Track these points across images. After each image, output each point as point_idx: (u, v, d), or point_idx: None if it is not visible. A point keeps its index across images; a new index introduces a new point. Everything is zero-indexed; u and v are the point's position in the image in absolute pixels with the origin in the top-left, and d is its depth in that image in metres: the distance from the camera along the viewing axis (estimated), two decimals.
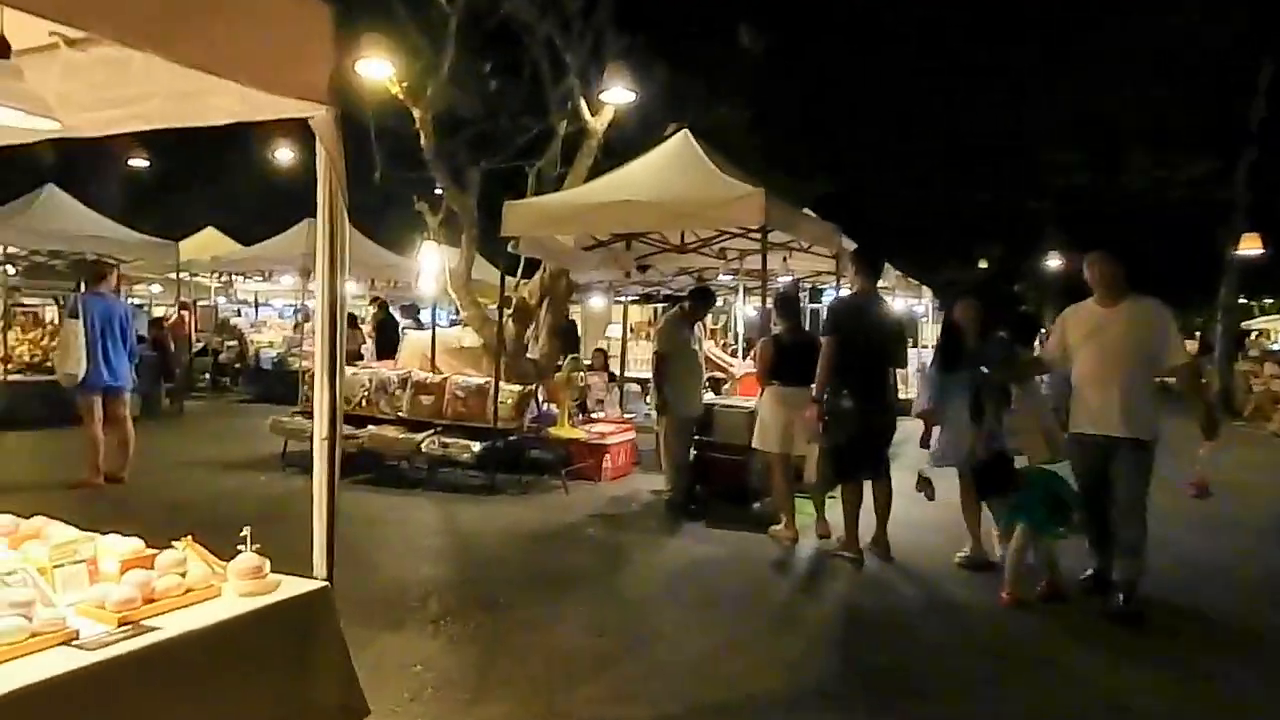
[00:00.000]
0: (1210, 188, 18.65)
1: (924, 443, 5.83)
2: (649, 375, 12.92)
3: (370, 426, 8.25)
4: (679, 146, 7.86)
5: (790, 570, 5.82)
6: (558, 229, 7.71)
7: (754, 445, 6.50)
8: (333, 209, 2.61)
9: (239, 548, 2.63)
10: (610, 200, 7.14)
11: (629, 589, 5.26)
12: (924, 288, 15.59)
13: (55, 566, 2.40)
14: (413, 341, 10.27)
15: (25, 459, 9.35)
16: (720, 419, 7.43)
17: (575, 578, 5.41)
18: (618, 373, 10.80)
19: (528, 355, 9.61)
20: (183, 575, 2.44)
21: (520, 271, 9.78)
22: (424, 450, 7.84)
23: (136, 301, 18.50)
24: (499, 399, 7.92)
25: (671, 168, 7.48)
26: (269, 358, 15.83)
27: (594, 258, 8.99)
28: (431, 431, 8.05)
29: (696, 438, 7.39)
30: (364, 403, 8.63)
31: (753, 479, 7.25)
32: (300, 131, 2.68)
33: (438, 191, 9.86)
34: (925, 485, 5.79)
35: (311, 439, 2.83)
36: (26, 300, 17.38)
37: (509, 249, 7.78)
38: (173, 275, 18.04)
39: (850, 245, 8.41)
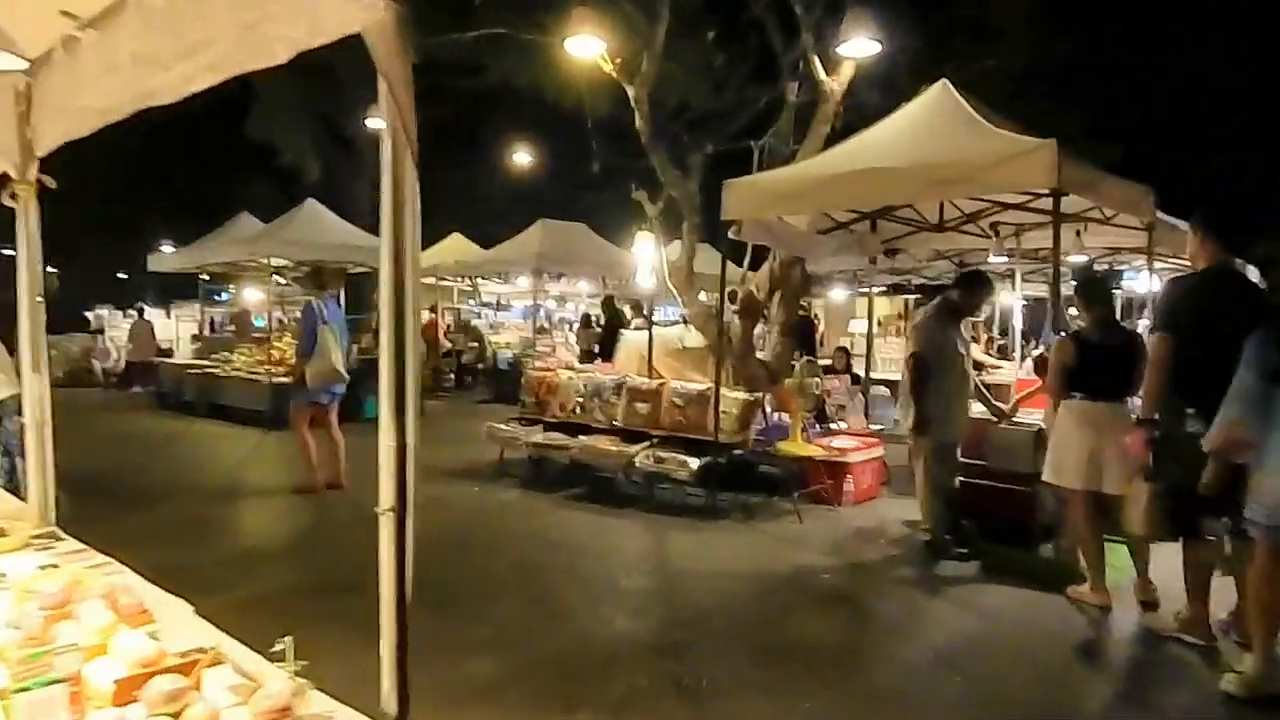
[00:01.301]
0: None
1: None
2: (898, 378, 11.41)
3: (582, 436, 7.55)
4: (937, 99, 6.38)
5: (1107, 656, 4.27)
6: (788, 208, 6.52)
7: (1045, 479, 4.95)
8: (397, 161, 1.66)
9: (276, 663, 1.78)
10: (852, 169, 5.84)
11: (877, 675, 3.98)
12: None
13: (18, 690, 1.68)
14: (629, 342, 9.51)
15: (274, 460, 9.71)
16: (995, 438, 5.88)
17: (804, 650, 4.22)
18: (862, 375, 9.35)
19: (757, 356, 8.49)
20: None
21: (747, 262, 8.68)
22: (638, 465, 7.00)
23: None
24: (720, 408, 6.90)
25: (928, 125, 6.04)
26: (505, 358, 15.97)
27: (832, 242, 7.68)
28: (647, 444, 7.20)
29: (964, 461, 5.91)
30: (578, 409, 7.97)
31: (1039, 514, 5.66)
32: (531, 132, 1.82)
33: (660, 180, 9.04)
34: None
35: (535, 446, 1.91)
36: (290, 308, 19.01)
37: (730, 234, 6.70)
38: (427, 280, 19.08)
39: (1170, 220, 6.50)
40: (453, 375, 17.20)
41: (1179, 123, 18.40)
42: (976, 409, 6.11)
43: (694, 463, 6.71)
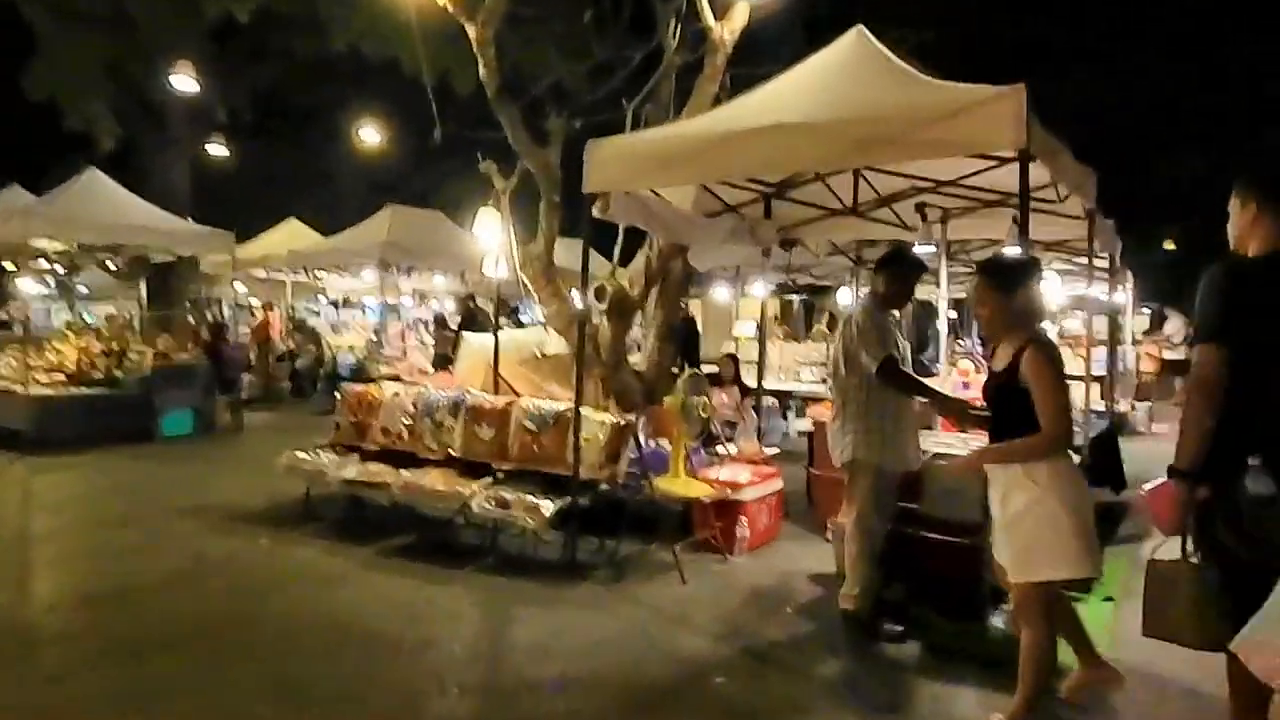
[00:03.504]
0: None
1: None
2: (793, 387, 10.16)
3: (407, 471, 5.86)
4: (853, 47, 5.06)
5: None
6: (669, 178, 5.04)
7: (1039, 578, 3.59)
8: None
9: None
10: (753, 126, 4.42)
11: None
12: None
13: None
14: (473, 348, 7.81)
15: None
16: (932, 475, 4.60)
17: None
18: (754, 386, 8.02)
19: (629, 366, 7.01)
20: None
21: (618, 251, 7.17)
22: (476, 509, 5.38)
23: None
24: (583, 434, 5.37)
25: (850, 74, 4.70)
26: (347, 363, 13.91)
27: (722, 227, 6.28)
28: (489, 480, 5.60)
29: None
30: (405, 434, 6.27)
31: (986, 573, 4.42)
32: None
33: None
34: None
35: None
36: (100, 307, 16.24)
37: (595, 212, 5.17)
38: (259, 273, 16.67)
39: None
40: (288, 382, 14.98)
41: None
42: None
43: (548, 506, 5.16)
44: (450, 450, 6.00)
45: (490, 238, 7.04)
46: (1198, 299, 2.92)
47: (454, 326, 13.68)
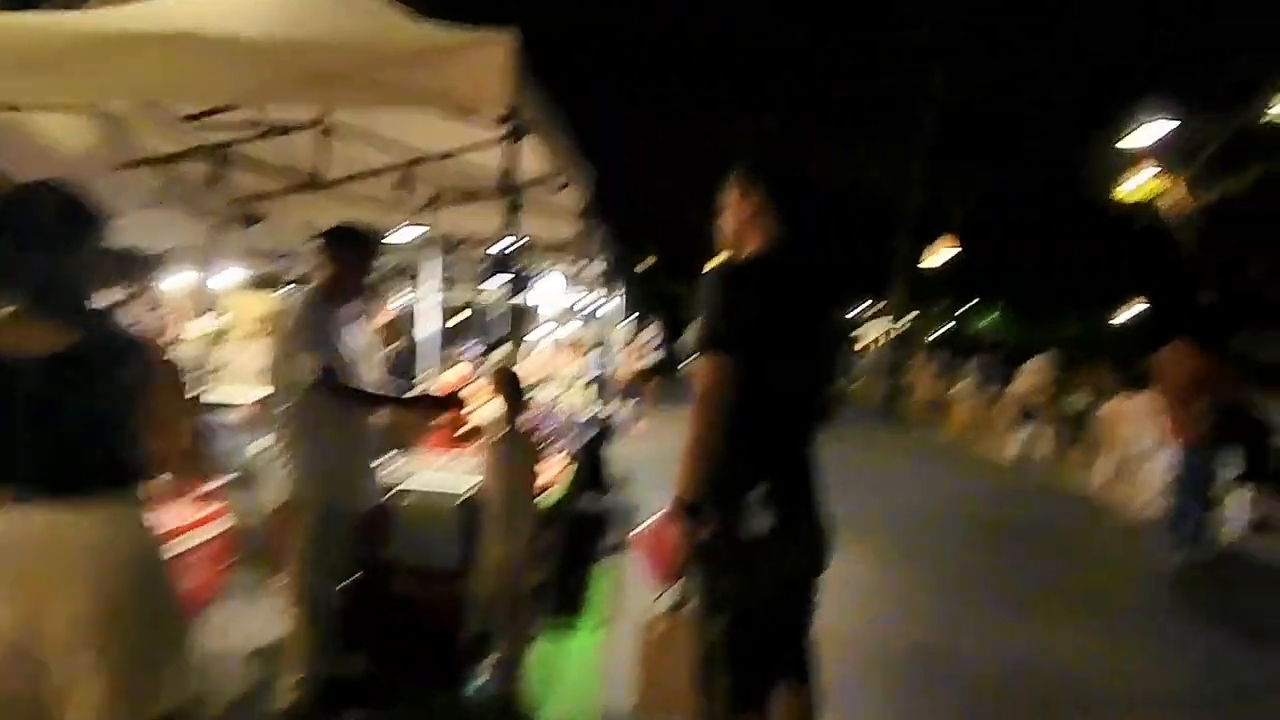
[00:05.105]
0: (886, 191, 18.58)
1: None
2: (256, 401, 8.51)
3: None
4: None
5: None
6: (26, 90, 3.35)
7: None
8: None
9: None
10: (159, 31, 3.06)
11: None
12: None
13: None
14: None
15: None
16: (406, 515, 3.71)
17: None
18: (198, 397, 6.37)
19: None
20: None
21: None
22: None
23: None
24: None
25: None
26: None
27: (140, 185, 4.65)
28: None
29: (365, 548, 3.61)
30: None
31: (465, 630, 3.68)
32: None
33: None
34: None
35: None
36: None
37: None
38: None
39: None
40: None
41: None
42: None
43: None
44: None
45: None
46: (699, 304, 2.45)
47: None
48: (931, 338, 29.76)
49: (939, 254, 19.66)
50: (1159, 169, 10.28)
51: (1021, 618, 5.60)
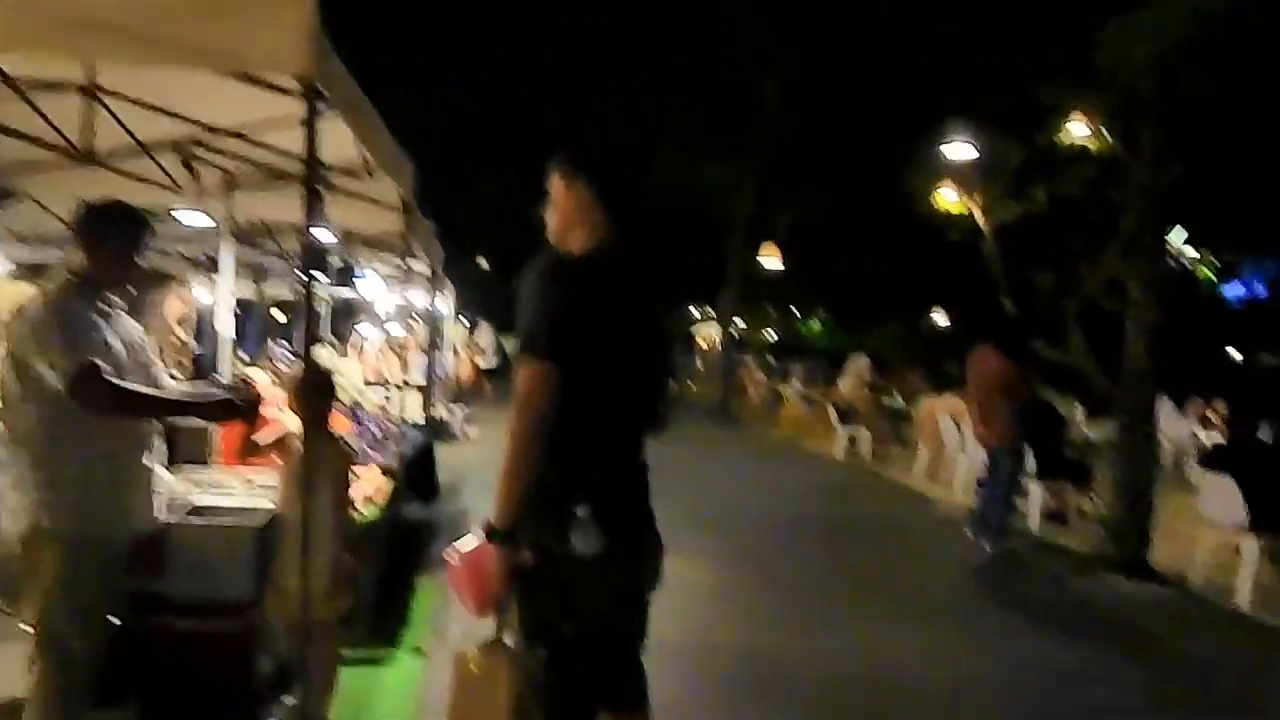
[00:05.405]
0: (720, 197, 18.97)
1: None
2: None
3: None
4: None
5: None
6: None
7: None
8: None
9: None
10: None
11: None
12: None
13: None
14: None
15: None
16: (179, 541, 3.21)
17: None
18: None
19: None
20: None
21: None
22: None
23: None
24: None
25: None
26: None
27: None
28: None
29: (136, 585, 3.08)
30: None
31: (259, 671, 3.24)
32: None
33: None
34: None
35: None
36: None
37: None
38: None
39: None
40: None
41: None
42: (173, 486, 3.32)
43: None
44: None
45: None
46: (520, 305, 2.19)
47: None
48: (761, 342, 30.84)
49: (768, 260, 20.31)
50: (964, 187, 10.98)
51: (850, 616, 5.70)
